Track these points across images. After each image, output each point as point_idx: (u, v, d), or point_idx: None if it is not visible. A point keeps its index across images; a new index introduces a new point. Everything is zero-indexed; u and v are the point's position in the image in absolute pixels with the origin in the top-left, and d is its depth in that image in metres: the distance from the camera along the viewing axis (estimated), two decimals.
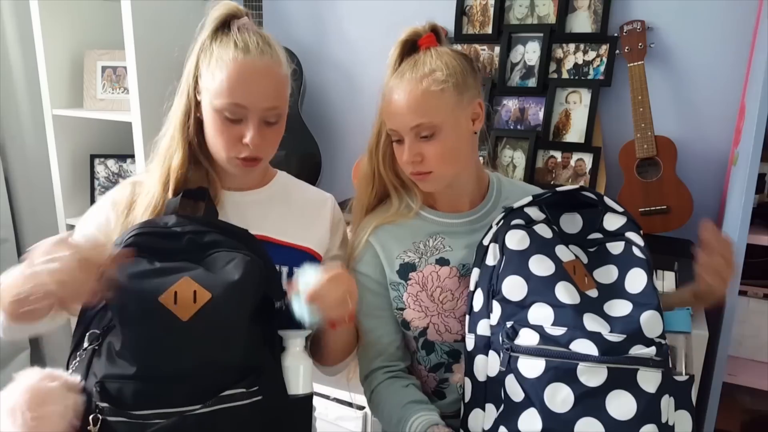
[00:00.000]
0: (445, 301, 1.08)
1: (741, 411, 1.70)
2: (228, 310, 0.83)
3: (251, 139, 0.95)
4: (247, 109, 0.95)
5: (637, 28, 1.69)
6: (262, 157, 1.00)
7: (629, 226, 0.99)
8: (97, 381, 0.79)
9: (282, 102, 1.00)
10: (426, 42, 1.07)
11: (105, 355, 0.81)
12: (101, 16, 2.09)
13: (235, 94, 0.94)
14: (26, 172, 2.24)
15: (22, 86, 2.18)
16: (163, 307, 0.80)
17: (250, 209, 1.07)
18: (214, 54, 0.96)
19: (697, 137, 1.74)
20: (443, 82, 1.01)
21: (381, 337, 1.12)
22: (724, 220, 1.61)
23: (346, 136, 2.21)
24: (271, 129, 0.99)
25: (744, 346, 1.62)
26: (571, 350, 0.87)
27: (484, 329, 0.97)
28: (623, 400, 0.85)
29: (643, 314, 0.89)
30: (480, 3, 1.91)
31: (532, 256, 0.94)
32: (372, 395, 1.12)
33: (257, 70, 0.95)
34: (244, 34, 0.97)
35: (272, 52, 0.98)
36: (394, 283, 1.11)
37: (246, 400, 0.82)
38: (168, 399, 0.79)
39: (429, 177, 1.04)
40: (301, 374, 0.91)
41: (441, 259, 1.09)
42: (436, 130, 1.01)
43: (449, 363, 1.12)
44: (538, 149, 1.85)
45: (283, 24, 2.20)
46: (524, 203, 1.02)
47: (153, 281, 0.82)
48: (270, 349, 0.89)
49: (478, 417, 0.96)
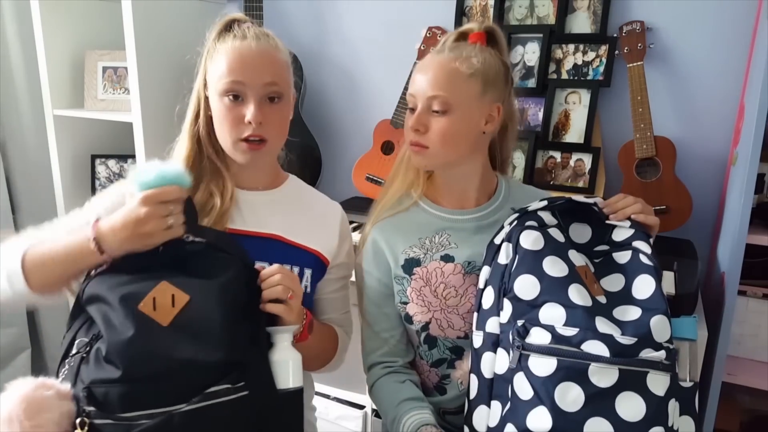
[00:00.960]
0: (449, 297, 1.09)
1: (740, 411, 1.70)
2: (208, 310, 0.84)
3: (252, 116, 0.99)
4: (246, 85, 1.00)
5: (636, 29, 1.70)
6: (267, 137, 1.02)
7: (637, 236, 1.00)
8: (84, 387, 0.80)
9: (281, 80, 1.03)
10: (475, 38, 1.09)
11: (93, 360, 0.82)
12: (102, 16, 2.09)
13: (233, 72, 1.00)
14: (27, 172, 2.24)
15: (22, 86, 2.18)
16: (143, 315, 0.82)
17: (263, 208, 1.10)
18: (217, 50, 1.03)
19: (696, 137, 1.74)
20: (474, 68, 1.04)
21: (381, 331, 1.14)
22: (723, 220, 1.61)
23: (346, 136, 2.21)
24: (273, 108, 1.02)
25: (743, 345, 1.62)
26: (583, 350, 0.88)
27: (493, 327, 0.97)
28: (633, 402, 0.86)
29: (652, 318, 0.90)
30: (480, 3, 1.91)
31: (546, 257, 0.95)
32: (372, 389, 1.14)
33: (253, 51, 1.01)
34: (243, 28, 1.04)
35: (269, 39, 1.04)
36: (399, 277, 1.12)
37: (232, 395, 0.82)
38: (154, 400, 0.80)
39: (425, 152, 1.07)
40: (291, 368, 0.91)
41: (446, 256, 1.10)
42: (448, 108, 1.04)
43: (452, 359, 1.13)
44: (537, 149, 1.85)
45: (283, 24, 2.20)
46: (538, 207, 1.03)
47: (131, 289, 0.85)
48: (258, 346, 0.90)
49: (483, 414, 0.96)
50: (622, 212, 1.03)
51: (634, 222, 1.01)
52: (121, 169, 2.16)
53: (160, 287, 0.85)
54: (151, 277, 0.86)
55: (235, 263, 0.90)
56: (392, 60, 2.04)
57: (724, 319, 1.41)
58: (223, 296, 0.86)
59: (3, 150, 2.22)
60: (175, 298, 0.84)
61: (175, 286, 0.85)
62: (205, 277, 0.88)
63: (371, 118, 2.09)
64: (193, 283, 0.86)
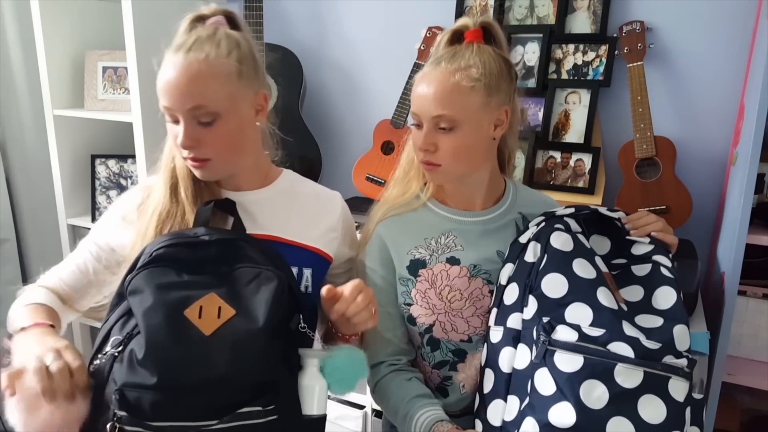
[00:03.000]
0: (453, 301, 1.08)
1: (740, 410, 1.70)
2: (250, 328, 0.83)
3: (181, 141, 0.94)
4: (174, 110, 0.94)
5: (636, 29, 1.70)
6: (207, 157, 0.96)
7: (658, 251, 1.02)
8: (116, 388, 0.79)
9: (208, 100, 0.93)
10: (471, 36, 1.06)
11: (126, 361, 0.81)
12: (102, 16, 2.10)
13: (163, 96, 0.94)
14: (27, 172, 2.25)
15: (23, 87, 2.19)
16: (188, 321, 0.81)
17: (255, 208, 1.06)
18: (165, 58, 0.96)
19: (696, 137, 1.75)
20: (475, 80, 1.00)
21: (385, 331, 1.13)
22: (723, 220, 1.61)
23: (346, 136, 2.21)
24: (208, 130, 0.94)
25: (743, 345, 1.62)
26: (610, 350, 0.89)
27: (515, 322, 0.98)
28: (655, 405, 0.87)
29: (675, 327, 0.92)
30: (480, 3, 1.91)
31: (576, 259, 0.97)
32: (376, 387, 1.13)
33: (179, 69, 0.92)
34: (195, 29, 0.97)
35: (206, 48, 0.93)
36: (404, 278, 1.11)
37: (262, 419, 0.81)
38: (185, 412, 0.79)
39: (438, 169, 1.05)
40: (317, 395, 0.90)
41: (452, 258, 1.10)
42: (456, 125, 1.01)
43: (454, 362, 1.12)
44: (537, 149, 1.85)
45: (283, 24, 2.20)
46: (565, 213, 1.05)
47: (180, 294, 0.83)
48: (288, 367, 0.89)
49: (499, 408, 0.97)
50: (643, 229, 1.03)
51: (654, 239, 1.03)
52: (120, 169, 2.16)
53: (208, 297, 0.84)
54: (199, 286, 0.85)
55: (281, 280, 0.89)
56: (392, 60, 2.04)
57: (724, 319, 1.42)
58: (267, 315, 0.85)
59: (3, 150, 2.22)
60: (222, 310, 0.83)
61: (223, 299, 0.84)
62: (250, 291, 0.87)
63: (371, 118, 2.09)
64: (240, 298, 0.86)
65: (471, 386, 1.11)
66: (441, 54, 1.05)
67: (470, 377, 1.11)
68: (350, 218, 1.17)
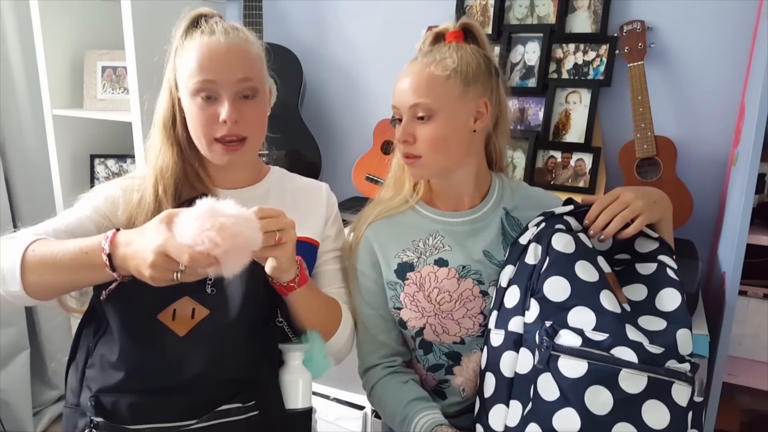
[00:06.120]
0: (443, 302, 1.08)
1: (740, 411, 1.70)
2: (226, 325, 0.83)
3: (227, 115, 0.95)
4: (218, 84, 0.95)
5: (636, 28, 1.69)
6: (245, 135, 0.98)
7: (662, 250, 1.01)
8: (91, 395, 0.79)
9: (255, 75, 0.98)
10: (451, 37, 1.08)
11: (98, 366, 0.81)
12: (101, 16, 2.09)
13: (204, 70, 0.95)
14: (26, 172, 2.24)
15: (22, 86, 2.18)
16: (161, 324, 0.81)
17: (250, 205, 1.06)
18: (185, 47, 0.98)
19: (696, 137, 1.74)
20: (451, 69, 1.02)
21: (378, 333, 1.13)
22: (724, 220, 1.61)
23: (346, 136, 2.21)
24: (249, 105, 0.98)
25: (743, 346, 1.62)
26: (614, 356, 0.88)
27: (516, 326, 0.97)
28: (658, 410, 0.86)
29: (678, 331, 0.91)
30: (480, 3, 1.91)
31: (578, 261, 0.95)
32: (372, 390, 1.13)
33: (223, 46, 0.96)
34: (211, 23, 0.99)
35: (239, 33, 0.99)
36: (392, 282, 1.11)
37: (242, 415, 0.82)
38: (163, 413, 0.79)
39: (418, 162, 1.06)
40: (300, 388, 0.90)
41: (440, 260, 1.09)
42: (432, 113, 1.02)
43: (449, 365, 1.12)
44: (537, 149, 1.85)
45: (283, 24, 2.20)
46: (564, 211, 1.03)
47: (153, 298, 0.83)
48: (268, 363, 0.89)
49: (501, 413, 0.96)
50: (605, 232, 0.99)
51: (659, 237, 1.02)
52: (120, 168, 2.16)
53: (183, 301, 0.84)
54: (174, 289, 0.82)
55: (255, 275, 0.88)
56: (392, 60, 2.03)
57: (724, 319, 1.41)
58: (242, 313, 0.84)
59: (2, 150, 2.22)
60: (196, 311, 0.83)
61: (197, 301, 0.84)
62: (224, 290, 0.86)
63: (371, 117, 2.09)
64: (214, 297, 0.85)
65: (471, 388, 1.11)
66: (419, 53, 1.08)
67: (469, 380, 1.11)
68: (335, 203, 1.18)
